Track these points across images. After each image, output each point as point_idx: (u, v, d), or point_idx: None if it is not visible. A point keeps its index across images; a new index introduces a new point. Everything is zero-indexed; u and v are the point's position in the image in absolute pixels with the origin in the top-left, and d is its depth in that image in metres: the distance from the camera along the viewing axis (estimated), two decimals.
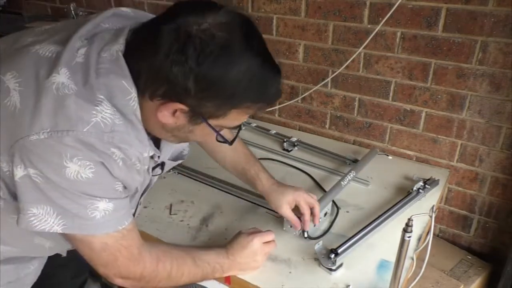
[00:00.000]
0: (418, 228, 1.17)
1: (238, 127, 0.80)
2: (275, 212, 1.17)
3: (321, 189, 1.37)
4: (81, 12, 2.12)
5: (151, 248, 0.83)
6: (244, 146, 1.18)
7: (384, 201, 1.31)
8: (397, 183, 1.41)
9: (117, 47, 0.68)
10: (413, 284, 1.11)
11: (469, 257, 1.52)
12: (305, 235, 1.12)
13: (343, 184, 1.27)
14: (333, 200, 1.26)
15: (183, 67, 0.63)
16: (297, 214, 1.10)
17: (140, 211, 1.02)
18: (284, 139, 1.64)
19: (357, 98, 1.61)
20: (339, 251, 1.04)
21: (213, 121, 0.71)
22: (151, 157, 0.79)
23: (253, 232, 1.02)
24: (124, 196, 0.75)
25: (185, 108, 0.68)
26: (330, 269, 1.03)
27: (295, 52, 1.66)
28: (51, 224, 0.68)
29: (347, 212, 1.27)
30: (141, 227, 1.11)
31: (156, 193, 1.26)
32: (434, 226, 1.58)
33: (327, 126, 1.74)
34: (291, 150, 1.61)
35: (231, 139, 0.81)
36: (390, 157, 1.58)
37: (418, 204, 1.29)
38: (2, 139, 0.65)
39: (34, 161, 0.63)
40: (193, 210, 1.26)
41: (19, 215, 0.68)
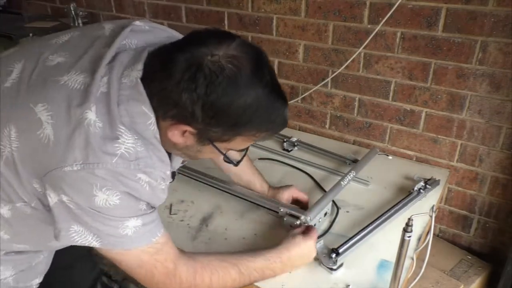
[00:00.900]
0: (418, 228, 1.17)
1: (245, 150, 0.84)
2: (275, 212, 1.17)
3: (321, 189, 1.37)
4: (81, 12, 2.11)
5: (189, 261, 0.84)
6: (249, 162, 1.23)
7: (384, 201, 1.31)
8: (397, 183, 1.41)
9: (136, 74, 0.72)
10: (413, 284, 1.12)
11: (469, 257, 1.52)
12: None
13: (343, 184, 1.27)
14: (333, 200, 1.26)
15: (192, 95, 0.68)
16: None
17: None
18: (284, 139, 1.64)
19: (357, 98, 1.61)
20: (341, 251, 1.04)
21: (220, 144, 0.76)
22: None
23: (308, 234, 1.02)
24: (151, 211, 0.78)
25: (193, 131, 0.73)
26: (331, 269, 1.03)
27: (295, 52, 1.66)
28: (90, 240, 0.74)
29: (347, 212, 1.27)
30: None
31: None
32: (434, 226, 1.58)
33: (327, 126, 1.74)
34: (291, 150, 1.61)
35: (238, 160, 0.86)
36: (390, 157, 1.58)
37: (418, 204, 1.29)
38: (34, 167, 0.70)
39: (66, 190, 0.68)
40: (193, 210, 1.26)
41: (61, 233, 0.73)
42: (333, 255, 1.03)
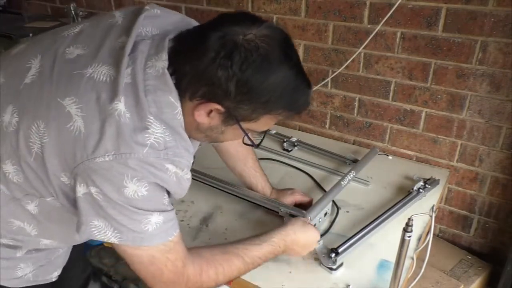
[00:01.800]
0: (418, 228, 1.17)
1: (264, 133, 0.86)
2: (276, 212, 1.17)
3: (321, 189, 1.37)
4: (81, 12, 2.11)
5: (195, 259, 0.85)
6: (255, 159, 1.24)
7: (384, 201, 1.31)
8: (397, 183, 1.41)
9: (162, 64, 0.73)
10: (413, 284, 1.12)
11: (469, 257, 1.52)
12: None
13: (343, 184, 1.27)
14: (333, 200, 1.26)
15: (228, 72, 0.69)
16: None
17: None
18: (284, 139, 1.64)
19: (357, 98, 1.61)
20: (340, 251, 1.04)
21: (244, 124, 0.77)
22: None
23: (314, 227, 1.04)
24: (171, 209, 0.79)
25: (221, 109, 0.74)
26: (331, 269, 1.03)
27: None
28: (109, 236, 0.74)
29: (347, 212, 1.27)
30: None
31: None
32: (434, 226, 1.58)
33: (327, 126, 1.74)
34: (291, 150, 1.61)
35: (256, 144, 0.88)
36: (390, 157, 1.58)
37: (418, 204, 1.29)
38: (65, 159, 0.71)
39: (97, 181, 0.69)
40: (193, 210, 1.26)
41: (81, 227, 0.75)
42: (333, 255, 1.03)
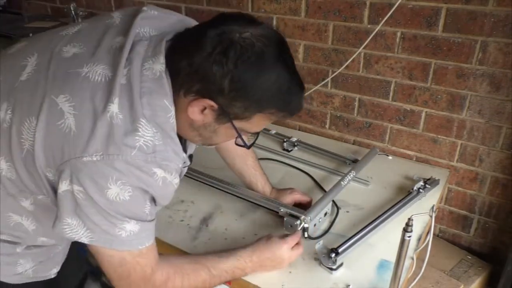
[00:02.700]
0: (418, 228, 1.17)
1: (257, 134, 0.86)
2: (276, 212, 1.17)
3: (321, 189, 1.37)
4: (81, 12, 2.11)
5: (164, 266, 0.85)
6: (255, 158, 1.24)
7: (384, 201, 1.31)
8: (397, 183, 1.41)
9: (159, 67, 0.73)
10: (413, 284, 1.11)
11: (469, 257, 1.52)
12: (305, 235, 1.12)
13: (343, 184, 1.27)
14: (333, 200, 1.26)
15: (222, 68, 0.70)
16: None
17: None
18: (284, 139, 1.64)
19: (357, 98, 1.61)
20: (340, 250, 1.04)
21: (237, 123, 0.77)
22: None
23: (284, 238, 1.02)
24: (151, 219, 0.79)
25: (215, 106, 0.74)
26: (331, 269, 1.03)
27: (295, 52, 1.66)
28: (80, 235, 0.74)
29: (347, 212, 1.27)
30: None
31: None
32: (434, 226, 1.58)
33: (327, 126, 1.74)
34: (291, 150, 1.61)
35: (249, 145, 0.89)
36: (390, 157, 1.58)
37: (418, 204, 1.29)
38: (52, 155, 0.71)
39: (81, 180, 0.70)
40: (193, 210, 1.26)
41: (56, 221, 0.75)
42: (333, 255, 1.03)
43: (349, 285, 1.00)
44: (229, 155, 1.21)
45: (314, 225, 1.15)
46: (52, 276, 0.99)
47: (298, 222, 1.10)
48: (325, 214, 1.20)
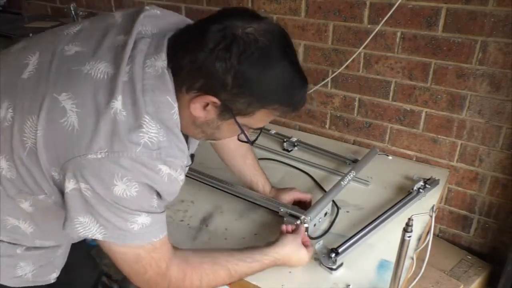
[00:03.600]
0: (418, 228, 1.17)
1: (260, 129, 0.85)
2: (276, 212, 1.17)
3: (321, 189, 1.37)
4: (81, 12, 2.11)
5: (181, 263, 0.85)
6: (254, 157, 1.24)
7: (384, 201, 1.31)
8: (397, 183, 1.41)
9: (162, 64, 0.73)
10: (413, 284, 1.12)
11: (469, 257, 1.52)
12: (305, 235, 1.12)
13: (343, 184, 1.27)
14: (333, 200, 1.26)
15: (226, 63, 0.69)
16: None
17: None
18: (284, 139, 1.64)
19: (357, 98, 1.61)
20: (340, 250, 1.04)
21: (240, 119, 0.77)
22: None
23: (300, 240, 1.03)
24: (161, 211, 0.79)
25: (217, 102, 0.73)
26: (331, 268, 1.03)
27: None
28: (94, 232, 0.74)
29: (347, 212, 1.27)
30: None
31: None
32: (434, 226, 1.58)
33: (327, 126, 1.74)
34: (291, 150, 1.61)
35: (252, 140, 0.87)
36: (390, 157, 1.58)
37: (418, 204, 1.29)
38: (55, 155, 0.71)
39: (87, 177, 0.69)
40: (193, 210, 1.26)
41: (66, 222, 0.75)
42: (333, 255, 1.03)
43: (349, 285, 1.00)
44: (229, 155, 1.21)
45: (314, 225, 1.15)
46: (52, 281, 0.98)
47: (298, 222, 1.10)
48: (325, 214, 1.20)
